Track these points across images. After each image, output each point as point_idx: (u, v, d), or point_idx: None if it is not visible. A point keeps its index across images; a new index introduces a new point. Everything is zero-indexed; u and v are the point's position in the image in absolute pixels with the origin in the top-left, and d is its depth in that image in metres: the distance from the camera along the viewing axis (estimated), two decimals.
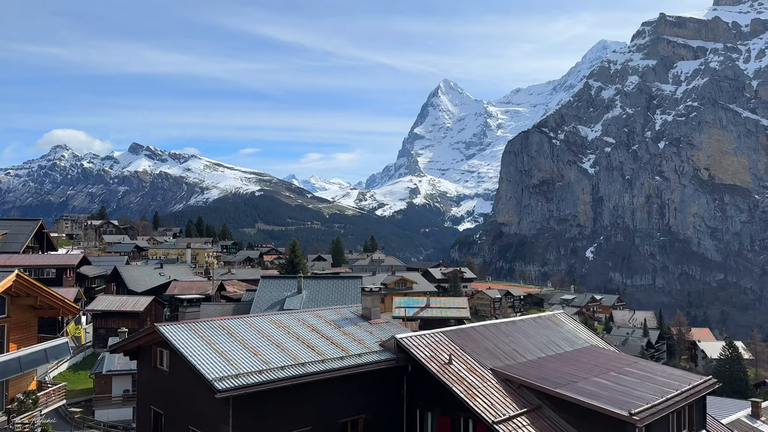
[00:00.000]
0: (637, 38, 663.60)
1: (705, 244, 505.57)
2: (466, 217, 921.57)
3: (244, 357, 20.85)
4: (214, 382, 18.74)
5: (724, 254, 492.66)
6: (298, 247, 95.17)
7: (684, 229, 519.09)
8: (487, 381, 22.31)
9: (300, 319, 24.91)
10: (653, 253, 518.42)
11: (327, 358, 21.75)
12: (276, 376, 19.84)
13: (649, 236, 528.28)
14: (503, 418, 20.21)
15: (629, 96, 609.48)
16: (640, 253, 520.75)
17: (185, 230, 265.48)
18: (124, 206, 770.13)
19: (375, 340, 24.20)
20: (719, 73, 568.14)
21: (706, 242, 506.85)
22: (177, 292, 73.36)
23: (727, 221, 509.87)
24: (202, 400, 20.55)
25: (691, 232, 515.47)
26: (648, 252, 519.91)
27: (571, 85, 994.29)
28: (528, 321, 28.80)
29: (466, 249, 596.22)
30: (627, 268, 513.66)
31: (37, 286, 35.72)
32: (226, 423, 19.32)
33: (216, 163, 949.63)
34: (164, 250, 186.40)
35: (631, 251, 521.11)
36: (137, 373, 25.67)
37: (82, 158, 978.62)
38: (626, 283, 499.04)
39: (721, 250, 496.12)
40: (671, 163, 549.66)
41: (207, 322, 23.09)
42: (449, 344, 23.99)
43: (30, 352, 35.06)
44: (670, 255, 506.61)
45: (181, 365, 21.70)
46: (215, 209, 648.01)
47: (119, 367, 46.83)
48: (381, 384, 23.13)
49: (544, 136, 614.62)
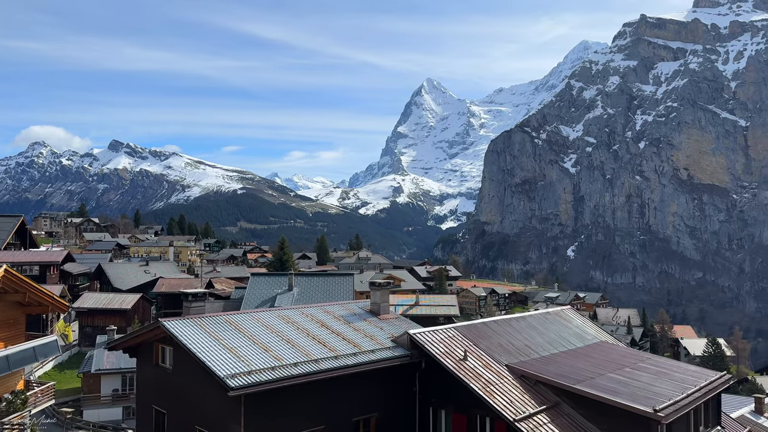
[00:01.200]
0: (618, 39, 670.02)
1: (684, 243, 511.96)
2: (449, 215, 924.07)
3: (255, 353, 19.97)
4: (226, 379, 17.84)
5: (703, 253, 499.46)
6: (287, 244, 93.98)
7: (663, 228, 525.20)
8: (504, 377, 21.69)
9: (308, 315, 24.07)
10: (633, 251, 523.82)
11: (340, 354, 20.95)
12: (289, 373, 19.00)
13: (629, 235, 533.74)
14: (524, 415, 19.60)
15: (610, 96, 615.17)
16: (621, 251, 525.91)
17: (167, 228, 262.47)
18: (104, 204, 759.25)
19: (386, 335, 23.46)
20: (698, 74, 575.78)
21: (685, 241, 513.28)
22: (165, 289, 71.93)
23: (706, 220, 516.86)
24: (210, 399, 19.65)
25: (671, 231, 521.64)
26: (628, 251, 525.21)
27: (553, 85, 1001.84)
28: (537, 317, 28.26)
29: (449, 248, 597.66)
30: (607, 267, 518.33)
31: (25, 281, 34.35)
32: (237, 422, 18.44)
33: (197, 161, 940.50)
34: (146, 248, 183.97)
35: (612, 250, 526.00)
36: (137, 371, 24.63)
37: (61, 155, 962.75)
38: (607, 281, 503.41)
39: (699, 249, 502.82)
40: (651, 162, 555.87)
41: (213, 317, 22.17)
42: (463, 340, 23.33)
43: (18, 350, 33.66)
44: (649, 254, 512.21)
45: (186, 362, 20.77)
46: (197, 207, 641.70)
47: (108, 366, 45.54)
48: (393, 381, 22.39)
49: (526, 135, 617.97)
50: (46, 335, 38.00)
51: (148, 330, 22.13)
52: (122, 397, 45.62)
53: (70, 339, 38.39)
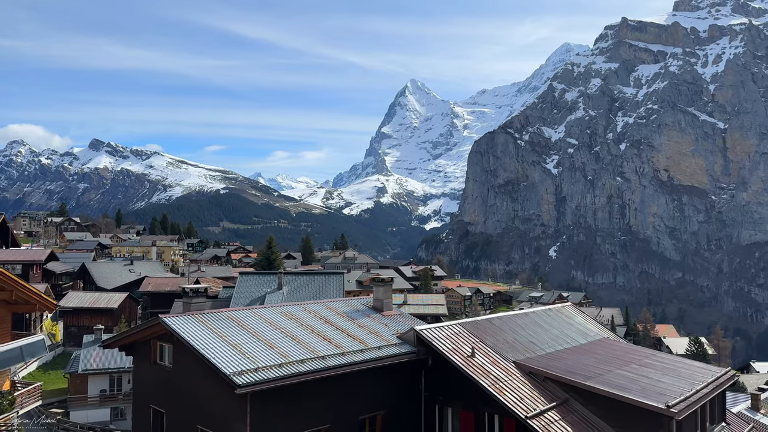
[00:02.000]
0: (599, 42, 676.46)
1: (664, 244, 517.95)
2: (433, 216, 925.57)
3: (261, 350, 19.39)
4: (232, 376, 17.24)
5: (682, 253, 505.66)
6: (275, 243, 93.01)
7: (644, 229, 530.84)
8: (512, 374, 21.35)
9: (311, 311, 23.53)
10: (614, 252, 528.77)
11: (346, 351, 20.44)
12: (297, 370, 18.45)
13: (610, 235, 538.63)
14: (535, 412, 19.25)
15: (592, 98, 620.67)
16: (602, 252, 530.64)
17: (149, 228, 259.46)
18: (84, 204, 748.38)
19: (391, 332, 22.99)
20: (678, 76, 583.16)
21: (665, 242, 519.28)
22: (151, 288, 70.72)
23: (685, 221, 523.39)
24: (213, 397, 19.04)
25: (651, 231, 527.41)
26: (609, 251, 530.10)
27: (535, 87, 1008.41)
28: (539, 313, 27.99)
29: (433, 248, 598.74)
30: (589, 267, 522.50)
31: (13, 279, 33.31)
32: (242, 421, 17.84)
33: (180, 161, 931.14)
34: (129, 247, 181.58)
35: (593, 250, 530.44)
36: (133, 369, 23.89)
37: (40, 154, 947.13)
38: (588, 281, 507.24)
39: (679, 250, 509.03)
40: (632, 164, 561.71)
41: (215, 313, 21.54)
42: (469, 337, 22.95)
43: (5, 349, 32.60)
44: (630, 254, 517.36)
45: (187, 360, 20.14)
46: (179, 207, 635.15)
47: (96, 366, 44.47)
48: (398, 379, 21.94)
49: (509, 136, 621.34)
50: (32, 334, 36.92)
51: (147, 327, 21.43)
52: (110, 397, 44.60)
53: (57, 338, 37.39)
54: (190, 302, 21.80)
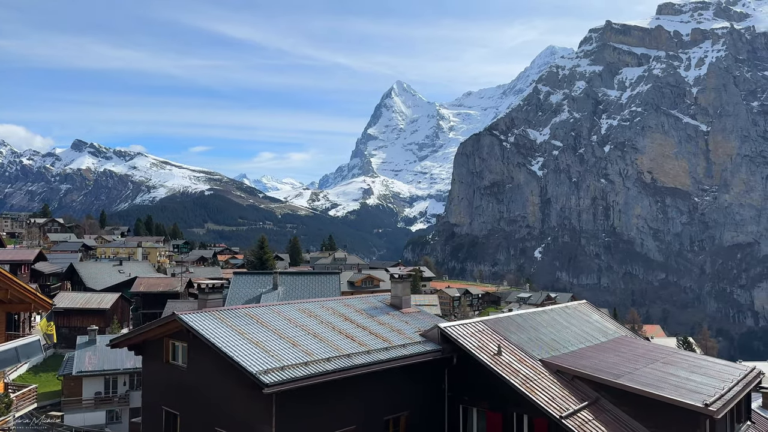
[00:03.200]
0: (584, 44, 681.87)
1: (648, 245, 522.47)
2: (419, 217, 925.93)
3: (284, 348, 18.50)
4: (259, 375, 16.34)
5: (666, 255, 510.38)
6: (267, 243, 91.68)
7: (628, 230, 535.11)
8: (540, 373, 20.66)
9: (329, 308, 22.67)
10: (598, 253, 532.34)
11: (371, 349, 19.62)
12: (323, 368, 17.60)
13: (594, 237, 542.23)
14: (569, 412, 18.58)
15: (576, 101, 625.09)
16: (586, 253, 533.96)
17: (134, 229, 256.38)
18: (67, 205, 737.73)
19: (413, 330, 22.21)
20: (662, 79, 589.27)
21: (649, 243, 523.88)
22: (143, 289, 69.25)
23: (669, 223, 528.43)
24: (235, 398, 18.12)
25: (635, 233, 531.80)
26: (593, 252, 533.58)
27: (520, 90, 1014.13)
28: (558, 311, 27.38)
29: (419, 249, 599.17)
30: (573, 268, 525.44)
31: (8, 276, 32.05)
32: (267, 423, 16.95)
33: (163, 161, 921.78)
34: (114, 248, 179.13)
35: (578, 251, 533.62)
36: (143, 370, 22.83)
37: (22, 155, 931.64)
38: (572, 282, 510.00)
39: (662, 251, 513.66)
40: (616, 166, 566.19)
41: (232, 310, 20.62)
42: (492, 334, 22.25)
43: (0, 350, 31.36)
44: (614, 255, 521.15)
45: (204, 359, 19.21)
46: (163, 208, 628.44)
47: (90, 368, 43.15)
48: (421, 378, 21.15)
49: (494, 138, 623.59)
50: (27, 335, 35.61)
51: (160, 324, 20.44)
52: (105, 400, 43.31)
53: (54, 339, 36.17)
54: (206, 298, 20.83)
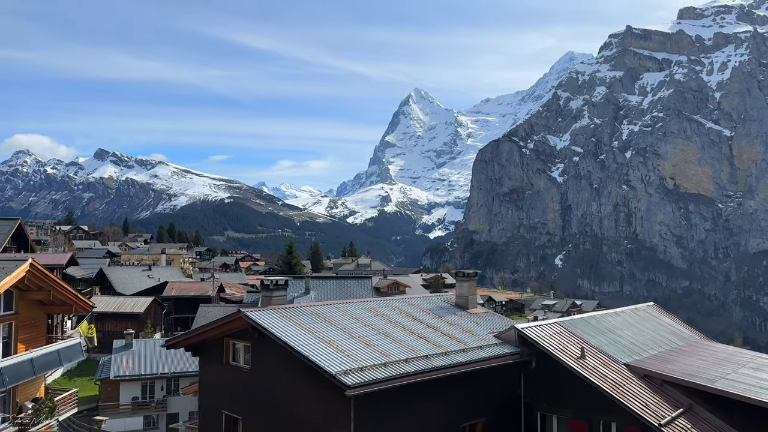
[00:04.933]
0: (604, 50, 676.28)
1: (671, 252, 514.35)
2: (437, 224, 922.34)
3: (358, 348, 17.28)
4: (339, 377, 15.11)
5: (689, 262, 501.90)
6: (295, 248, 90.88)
7: (650, 237, 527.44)
8: (628, 378, 19.17)
9: (394, 307, 21.42)
10: (620, 260, 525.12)
11: (448, 350, 18.32)
12: (404, 370, 16.33)
13: (616, 244, 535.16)
14: (667, 420, 17.09)
15: (597, 106, 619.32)
16: (608, 260, 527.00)
17: (157, 236, 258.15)
18: (89, 213, 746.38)
19: (485, 331, 20.85)
20: (684, 84, 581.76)
21: (672, 250, 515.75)
22: (175, 293, 68.69)
23: (692, 229, 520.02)
24: (306, 400, 16.91)
25: (657, 240, 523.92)
26: (615, 259, 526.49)
27: (539, 96, 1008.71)
28: (629, 313, 25.85)
29: (438, 256, 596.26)
30: (595, 276, 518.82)
31: (51, 278, 31.32)
32: (345, 427, 15.69)
33: (184, 170, 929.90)
34: (138, 255, 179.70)
35: (599, 259, 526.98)
36: (200, 371, 21.71)
37: (46, 164, 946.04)
38: (594, 290, 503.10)
39: (686, 258, 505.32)
40: (638, 172, 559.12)
41: (297, 308, 19.45)
42: (571, 336, 20.81)
43: (43, 353, 30.59)
44: (636, 262, 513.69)
45: (270, 359, 18.05)
46: (183, 216, 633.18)
47: (128, 372, 42.34)
48: (497, 383, 19.77)
49: (514, 145, 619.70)
50: (69, 338, 34.88)
51: (222, 324, 19.30)
52: (142, 405, 42.47)
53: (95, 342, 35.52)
54: (271, 295, 19.66)
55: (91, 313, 35.70)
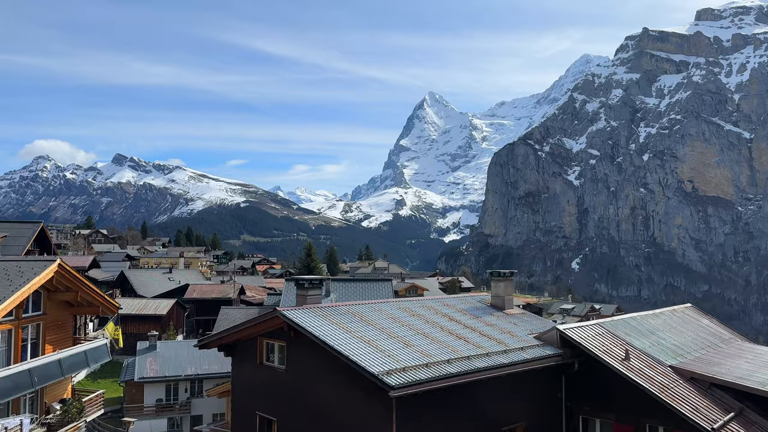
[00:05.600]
0: (620, 52, 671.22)
1: (689, 256, 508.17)
2: (452, 228, 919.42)
3: (398, 348, 16.82)
4: (382, 377, 14.66)
5: (709, 266, 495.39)
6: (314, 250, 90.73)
7: (668, 241, 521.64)
8: (674, 380, 18.52)
9: (430, 307, 20.96)
10: (638, 264, 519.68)
11: (489, 351, 17.78)
12: (446, 371, 15.84)
13: (634, 248, 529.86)
14: (720, 424, 16.42)
15: (613, 109, 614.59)
16: (626, 264, 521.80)
17: (174, 240, 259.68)
18: (107, 217, 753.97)
19: (524, 332, 20.30)
20: (702, 86, 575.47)
21: (691, 254, 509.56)
22: (197, 295, 68.79)
23: (711, 233, 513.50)
24: (345, 401, 16.48)
25: (676, 243, 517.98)
26: (633, 263, 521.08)
27: (554, 99, 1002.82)
28: (668, 314, 25.15)
29: (453, 260, 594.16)
30: (612, 280, 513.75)
31: (79, 279, 31.26)
32: (386, 429, 15.23)
33: (201, 174, 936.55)
34: (156, 259, 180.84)
35: (617, 262, 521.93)
36: (233, 372, 21.38)
37: (65, 169, 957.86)
38: (612, 294, 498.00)
39: (705, 262, 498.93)
40: (655, 175, 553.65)
41: (332, 307, 19.07)
42: (613, 338, 20.19)
43: (71, 354, 30.49)
44: (655, 266, 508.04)
45: (307, 359, 17.67)
46: (200, 221, 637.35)
47: (152, 374, 42.27)
48: (537, 385, 19.20)
49: (529, 148, 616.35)
50: (95, 339, 34.82)
51: (257, 323, 18.95)
52: (166, 407, 42.37)
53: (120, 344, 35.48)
54: (306, 294, 19.27)
55: (117, 315, 35.64)
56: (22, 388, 26.45)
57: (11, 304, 25.83)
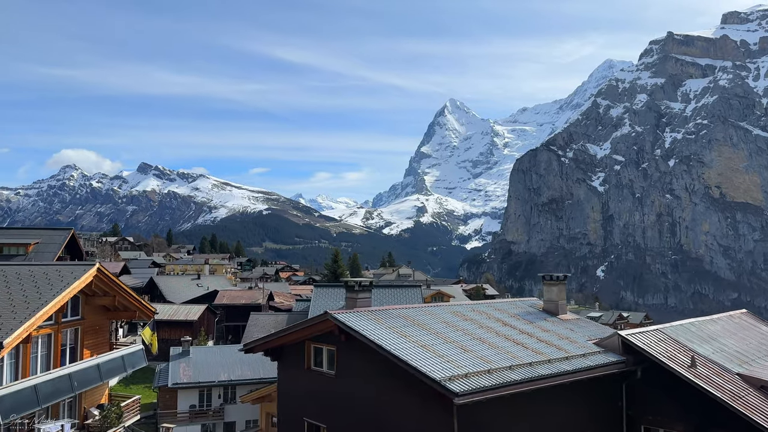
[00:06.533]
0: (644, 57, 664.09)
1: (718, 263, 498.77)
2: (474, 235, 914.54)
3: (457, 353, 16.15)
4: (445, 383, 14.00)
5: (738, 273, 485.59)
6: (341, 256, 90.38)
7: (696, 248, 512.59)
8: (743, 388, 17.57)
9: (481, 311, 20.26)
10: (665, 271, 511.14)
11: (552, 358, 17.01)
12: (509, 378, 15.12)
13: (660, 255, 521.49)
14: None
15: (638, 114, 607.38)
16: (652, 271, 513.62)
17: (199, 247, 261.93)
18: (133, 225, 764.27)
19: (583, 338, 19.48)
20: (729, 90, 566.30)
21: (719, 261, 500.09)
22: (226, 301, 68.84)
23: (740, 240, 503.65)
24: (400, 409, 15.85)
25: (703, 250, 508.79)
26: (660, 270, 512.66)
27: (577, 104, 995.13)
28: (725, 320, 24.10)
29: (475, 267, 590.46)
30: (638, 287, 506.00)
31: (116, 283, 31.15)
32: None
33: (224, 183, 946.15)
34: (182, 266, 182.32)
35: (643, 270, 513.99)
36: (279, 378, 20.88)
37: (91, 178, 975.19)
38: (638, 302, 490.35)
39: (734, 269, 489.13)
40: (682, 180, 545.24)
41: (383, 311, 18.46)
42: (675, 344, 19.28)
43: (108, 359, 30.37)
44: (682, 274, 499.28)
45: (358, 364, 17.11)
46: (223, 228, 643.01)
47: (185, 380, 42.05)
48: (598, 393, 18.36)
49: (552, 154, 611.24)
50: (132, 344, 34.70)
51: (306, 326, 18.43)
52: (200, 413, 42.11)
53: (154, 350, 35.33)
54: (356, 297, 18.72)
55: (153, 320, 35.51)
56: (62, 392, 26.33)
57: (53, 307, 25.73)
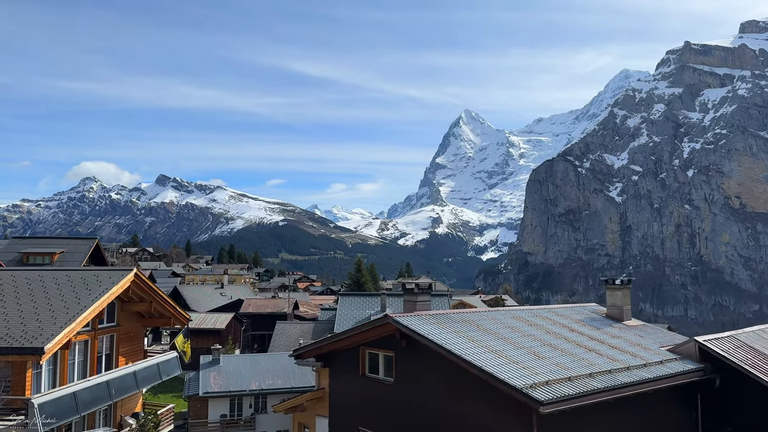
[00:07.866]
0: (662, 66, 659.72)
1: (738, 274, 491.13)
2: (490, 246, 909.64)
3: (531, 360, 15.18)
4: (527, 391, 13.04)
5: (759, 284, 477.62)
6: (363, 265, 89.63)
7: (716, 259, 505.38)
8: None
9: (546, 317, 19.29)
10: (684, 283, 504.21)
11: (630, 365, 15.98)
12: (591, 386, 14.13)
13: (679, 266, 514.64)
14: None
15: (655, 124, 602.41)
16: (671, 283, 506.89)
17: (217, 258, 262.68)
18: (151, 236, 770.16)
19: (655, 345, 18.43)
20: (748, 100, 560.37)
21: (740, 272, 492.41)
22: (252, 310, 68.35)
23: (761, 250, 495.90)
24: (469, 418, 14.88)
25: (724, 261, 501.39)
26: (679, 282, 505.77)
27: (593, 115, 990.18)
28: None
29: (491, 278, 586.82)
30: (657, 299, 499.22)
31: (153, 289, 30.55)
32: None
33: (241, 194, 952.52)
34: (201, 276, 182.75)
35: (662, 281, 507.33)
36: (330, 385, 20.02)
37: (111, 190, 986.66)
38: (657, 314, 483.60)
39: (755, 280, 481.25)
40: (701, 191, 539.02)
41: (445, 314, 17.57)
42: (753, 351, 18.16)
43: (144, 366, 29.71)
44: (702, 285, 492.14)
45: (419, 370, 16.20)
46: (240, 239, 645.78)
47: (216, 389, 41.33)
48: (674, 403, 17.29)
49: (569, 164, 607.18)
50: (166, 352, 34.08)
51: (363, 330, 17.55)
52: (231, 423, 41.36)
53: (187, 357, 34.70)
54: (415, 300, 17.85)
55: (187, 328, 34.86)
56: (100, 400, 25.68)
57: (92, 312, 25.15)
